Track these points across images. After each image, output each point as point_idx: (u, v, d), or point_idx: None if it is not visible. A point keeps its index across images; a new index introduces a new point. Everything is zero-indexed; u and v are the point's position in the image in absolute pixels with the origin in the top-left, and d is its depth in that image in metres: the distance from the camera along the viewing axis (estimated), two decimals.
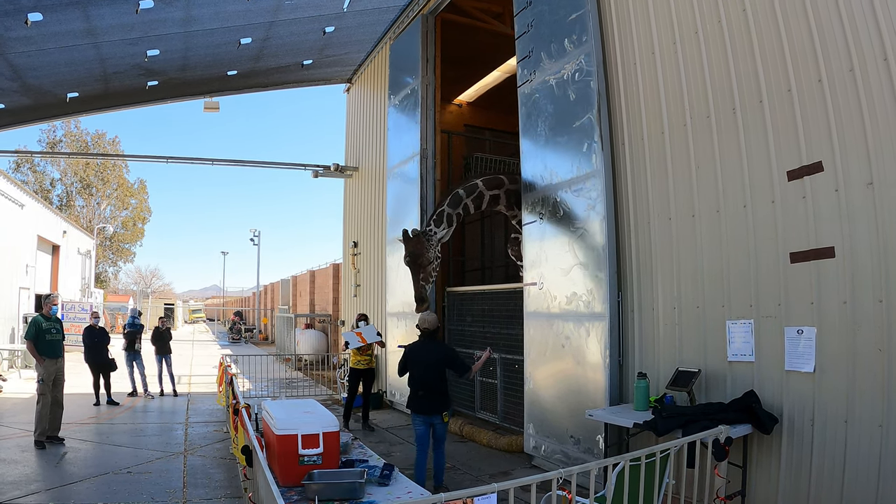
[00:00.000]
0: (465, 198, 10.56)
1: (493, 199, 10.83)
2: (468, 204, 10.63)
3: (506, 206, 11.05)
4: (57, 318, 10.97)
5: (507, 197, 10.89)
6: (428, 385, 7.96)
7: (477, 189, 10.66)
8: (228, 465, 9.35)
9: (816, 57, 5.78)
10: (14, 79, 13.92)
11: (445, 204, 10.54)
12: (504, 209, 11.23)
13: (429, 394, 7.97)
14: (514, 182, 10.86)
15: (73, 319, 26.11)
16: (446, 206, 10.49)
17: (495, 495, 3.66)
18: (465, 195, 10.57)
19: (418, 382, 8.01)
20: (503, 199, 10.90)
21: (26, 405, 13.55)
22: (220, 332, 48.11)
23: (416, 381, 8.06)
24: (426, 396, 7.97)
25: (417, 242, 10.16)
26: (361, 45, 16.70)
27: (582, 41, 8.59)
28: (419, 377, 8.02)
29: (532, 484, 3.94)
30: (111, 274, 67.59)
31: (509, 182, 10.88)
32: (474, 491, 3.63)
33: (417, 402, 8.01)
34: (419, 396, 8.00)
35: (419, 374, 8.03)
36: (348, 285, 18.59)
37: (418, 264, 10.25)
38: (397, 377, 13.77)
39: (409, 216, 13.71)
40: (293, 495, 4.94)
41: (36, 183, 56.59)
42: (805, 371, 5.81)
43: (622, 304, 8.05)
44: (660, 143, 7.52)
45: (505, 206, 11.10)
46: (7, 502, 7.45)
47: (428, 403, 7.95)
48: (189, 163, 19.25)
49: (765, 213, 6.27)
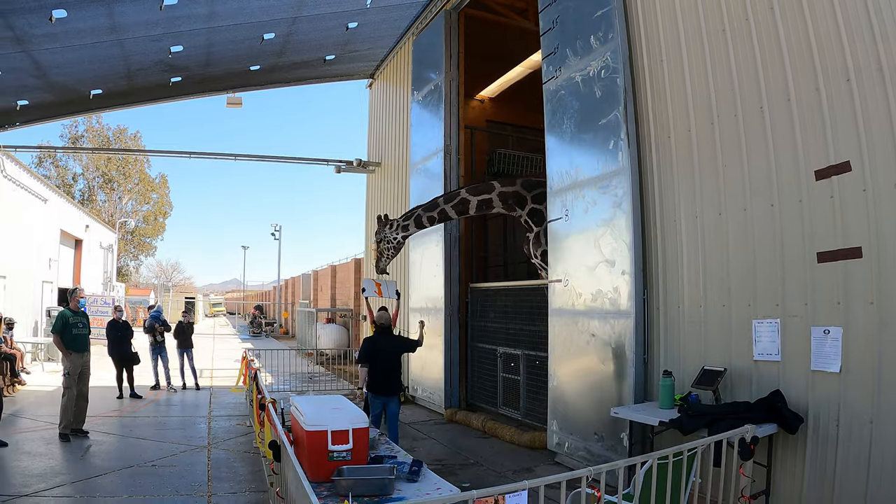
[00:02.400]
0: (443, 204, 11.38)
1: (482, 204, 11.22)
2: (446, 210, 11.36)
3: (503, 208, 11.28)
4: (83, 313, 11.09)
5: (501, 199, 11.14)
6: (389, 371, 9.23)
7: (458, 196, 11.34)
8: (253, 459, 9.42)
9: (844, 55, 5.74)
10: (38, 76, 14.04)
11: (421, 208, 11.64)
12: (504, 211, 11.43)
13: (389, 378, 9.20)
14: (508, 185, 11.15)
15: (95, 313, 26.19)
16: (420, 209, 11.63)
17: (526, 492, 3.68)
18: (443, 202, 11.42)
19: (381, 369, 9.17)
20: (497, 202, 11.17)
21: (50, 398, 13.72)
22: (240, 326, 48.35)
23: (379, 367, 9.17)
24: (387, 380, 9.21)
25: (381, 226, 11.76)
26: (384, 40, 16.73)
27: (608, 38, 8.57)
28: (382, 364, 9.19)
29: (562, 482, 3.96)
30: (133, 268, 68.10)
31: (501, 185, 11.14)
32: (505, 488, 3.65)
33: (379, 386, 9.15)
34: (380, 381, 9.18)
35: (382, 361, 9.20)
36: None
37: (377, 242, 11.79)
38: (420, 372, 13.94)
39: None
40: (322, 491, 4.97)
41: (58, 178, 57.07)
42: (831, 371, 5.78)
43: (648, 301, 8.04)
44: (686, 140, 7.50)
45: (503, 208, 11.30)
46: (32, 495, 7.52)
47: (388, 386, 9.20)
48: (211, 158, 19.40)
49: (792, 213, 6.24)
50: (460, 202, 11.26)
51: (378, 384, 9.17)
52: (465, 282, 13.74)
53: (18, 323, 18.25)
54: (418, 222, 11.59)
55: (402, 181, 16.18)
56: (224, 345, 32.45)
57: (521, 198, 11.07)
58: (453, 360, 13.42)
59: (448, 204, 11.32)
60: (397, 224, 11.67)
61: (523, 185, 11.07)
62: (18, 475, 8.34)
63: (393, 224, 11.69)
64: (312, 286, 37.06)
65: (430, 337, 13.62)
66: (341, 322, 27.44)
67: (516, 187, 11.09)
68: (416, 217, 11.59)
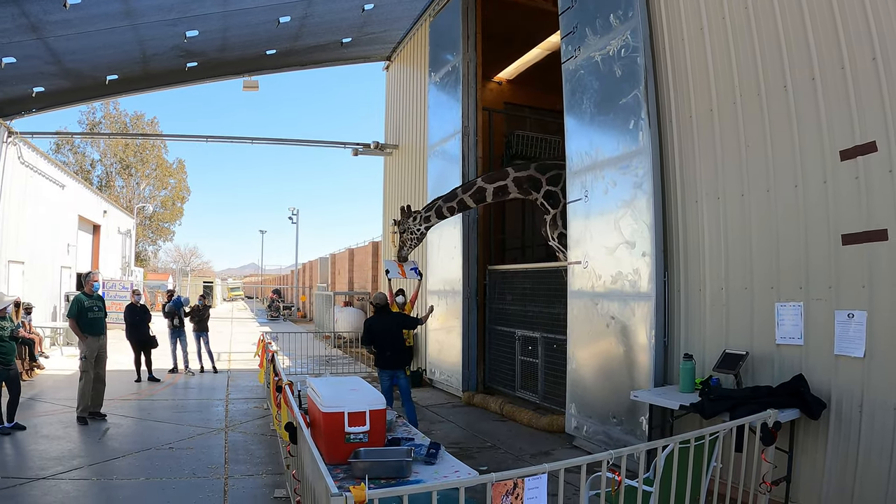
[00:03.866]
0: (462, 194, 11.58)
1: (498, 191, 11.35)
2: (465, 199, 11.56)
3: (520, 192, 11.37)
4: (99, 296, 11.14)
5: (516, 184, 11.23)
6: (388, 346, 9.66)
7: (475, 185, 11.52)
8: (269, 442, 9.45)
9: (871, 33, 5.59)
10: (53, 62, 14.04)
11: (441, 199, 11.86)
12: (520, 195, 11.49)
13: (394, 353, 9.67)
14: (522, 169, 11.21)
15: (113, 297, 26.49)
16: (441, 200, 11.85)
17: (545, 476, 3.62)
18: (461, 192, 11.60)
19: (385, 345, 9.63)
20: (512, 188, 11.29)
21: (68, 382, 13.80)
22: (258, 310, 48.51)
23: (382, 344, 9.64)
24: (392, 355, 9.69)
25: (404, 216, 12.06)
26: (401, 22, 16.65)
27: (628, 16, 8.44)
28: (381, 342, 9.68)
29: (582, 465, 3.90)
30: (151, 252, 68.53)
31: (516, 171, 11.23)
32: (525, 471, 3.59)
33: (385, 360, 9.66)
34: (387, 356, 9.68)
35: (381, 339, 9.70)
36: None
37: (400, 232, 12.17)
38: (438, 355, 13.93)
39: None
40: (339, 472, 4.94)
41: (76, 164, 57.36)
42: (855, 356, 5.68)
43: (668, 283, 7.95)
44: (708, 120, 7.38)
45: (519, 193, 11.39)
46: (50, 477, 7.58)
47: (394, 359, 9.69)
48: (228, 142, 19.40)
49: (816, 194, 6.11)
50: (477, 191, 11.40)
51: (382, 359, 9.72)
52: (482, 264, 13.70)
53: (37, 307, 18.37)
54: (439, 213, 11.81)
55: (419, 163, 16.13)
56: (242, 328, 32.59)
57: (535, 181, 11.09)
58: (471, 343, 13.38)
59: (466, 194, 11.49)
60: (420, 216, 11.87)
61: (537, 169, 11.11)
62: (36, 458, 8.40)
63: (416, 216, 11.90)
64: (330, 270, 37.09)
65: (448, 319, 13.62)
66: (359, 305, 27.47)
67: (530, 171, 11.13)
68: (436, 208, 11.80)
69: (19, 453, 8.70)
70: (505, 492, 3.49)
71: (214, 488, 7.38)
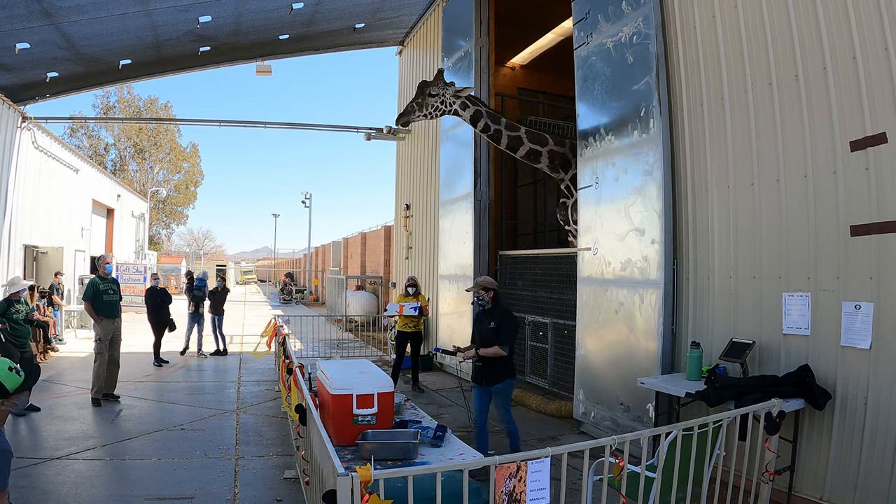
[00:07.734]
0: (503, 128, 10.88)
1: (532, 153, 10.96)
2: (501, 133, 10.88)
3: (549, 166, 11.11)
4: (114, 280, 11.24)
5: (550, 157, 10.98)
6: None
7: (518, 131, 10.94)
8: (280, 424, 9.55)
9: (883, 24, 5.56)
10: (67, 48, 14.12)
11: (486, 109, 11.03)
12: (547, 169, 11.26)
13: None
14: (559, 144, 10.97)
15: (127, 281, 26.72)
16: (485, 110, 10.97)
17: (548, 460, 3.67)
18: (504, 126, 10.90)
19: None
20: (545, 158, 10.98)
21: (83, 364, 13.98)
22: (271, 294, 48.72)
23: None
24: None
25: (439, 80, 10.97)
26: (414, 7, 16.63)
27: (640, 3, 8.41)
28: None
29: (585, 450, 3.95)
30: (164, 236, 68.81)
31: (554, 143, 10.97)
32: (528, 455, 3.65)
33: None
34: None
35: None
36: (400, 247, 18.70)
37: (429, 94, 10.94)
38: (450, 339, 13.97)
39: (462, 179, 13.73)
40: (347, 454, 5.01)
41: (90, 148, 57.64)
42: (861, 347, 5.69)
43: (677, 271, 7.96)
44: (719, 109, 7.36)
45: (548, 167, 11.14)
46: (64, 458, 7.70)
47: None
48: (242, 126, 19.48)
49: (826, 184, 6.10)
50: (515, 139, 10.90)
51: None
52: (494, 249, 13.72)
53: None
54: (475, 117, 10.88)
55: (432, 148, 16.14)
56: (255, 312, 32.78)
57: (567, 161, 10.94)
58: None
59: (507, 131, 10.90)
60: (462, 99, 10.85)
61: (571, 149, 10.84)
62: (51, 439, 8.54)
63: (459, 95, 10.85)
64: (343, 254, 37.21)
65: (459, 304, 13.65)
66: (371, 289, 27.58)
67: (565, 150, 10.95)
68: (477, 111, 10.88)
69: (34, 434, 8.82)
70: (508, 474, 3.55)
71: (226, 469, 7.48)
